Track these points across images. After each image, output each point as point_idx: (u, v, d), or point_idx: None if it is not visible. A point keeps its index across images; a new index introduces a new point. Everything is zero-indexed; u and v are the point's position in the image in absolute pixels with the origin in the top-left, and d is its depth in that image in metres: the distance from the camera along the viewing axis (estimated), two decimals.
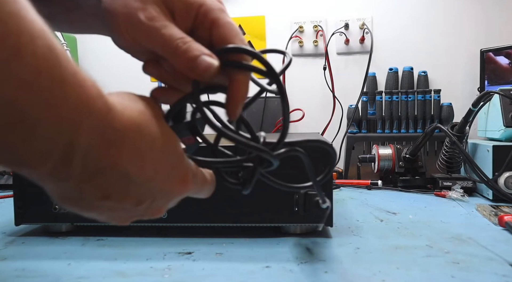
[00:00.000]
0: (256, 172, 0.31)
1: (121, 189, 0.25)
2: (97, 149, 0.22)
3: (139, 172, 0.25)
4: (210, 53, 0.28)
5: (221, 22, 0.30)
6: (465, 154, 0.88)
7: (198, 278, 0.46)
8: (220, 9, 0.31)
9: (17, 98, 0.18)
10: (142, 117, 0.25)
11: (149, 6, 0.29)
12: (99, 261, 0.52)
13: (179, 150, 0.28)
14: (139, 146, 0.25)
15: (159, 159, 0.26)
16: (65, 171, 0.22)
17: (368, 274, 0.46)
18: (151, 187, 0.27)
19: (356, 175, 1.14)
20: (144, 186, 0.26)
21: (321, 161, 0.59)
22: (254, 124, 1.24)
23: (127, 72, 1.15)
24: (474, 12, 1.22)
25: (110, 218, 0.28)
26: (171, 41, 0.28)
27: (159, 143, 0.26)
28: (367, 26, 1.24)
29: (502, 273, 0.46)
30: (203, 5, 0.30)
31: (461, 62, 1.24)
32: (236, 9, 1.31)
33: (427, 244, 0.56)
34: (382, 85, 1.23)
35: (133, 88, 0.29)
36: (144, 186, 0.26)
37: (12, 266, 0.50)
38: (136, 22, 0.28)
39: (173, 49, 0.28)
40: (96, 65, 1.31)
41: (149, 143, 0.25)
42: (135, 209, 0.28)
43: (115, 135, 0.23)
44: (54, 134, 0.20)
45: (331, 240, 0.59)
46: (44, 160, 0.21)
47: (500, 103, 0.89)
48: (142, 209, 0.28)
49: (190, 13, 0.30)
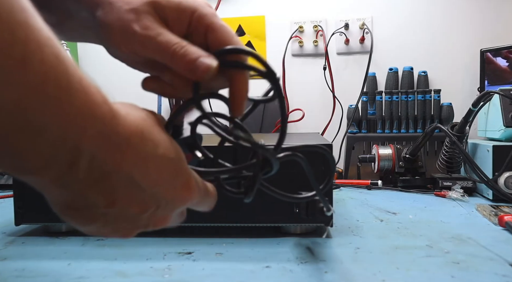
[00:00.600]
0: (258, 179, 0.31)
1: (126, 195, 0.25)
2: (102, 153, 0.23)
3: (144, 176, 0.25)
4: (208, 55, 0.29)
5: (216, 26, 0.31)
6: (465, 154, 0.88)
7: (198, 278, 0.46)
8: (213, 14, 0.31)
9: (25, 104, 0.19)
10: (144, 123, 0.26)
11: (142, 17, 0.30)
12: (99, 261, 0.52)
13: (182, 156, 0.29)
14: (143, 151, 0.25)
15: (163, 164, 0.26)
16: (70, 175, 0.22)
17: (368, 274, 0.46)
18: (156, 193, 0.27)
19: (356, 175, 1.14)
20: (149, 191, 0.26)
21: (321, 162, 0.59)
22: (254, 124, 1.24)
23: (128, 71, 1.15)
24: (474, 12, 1.22)
25: (114, 230, 0.28)
26: (168, 47, 0.29)
27: (161, 149, 0.26)
28: (367, 26, 1.24)
29: (502, 273, 0.46)
30: (196, 11, 0.31)
31: (461, 62, 1.24)
32: (236, 9, 1.30)
33: (427, 244, 0.56)
34: (382, 85, 1.23)
35: (134, 88, 0.29)
36: (149, 192, 0.26)
37: (12, 266, 0.50)
38: (132, 33, 0.29)
39: (171, 54, 0.29)
40: (97, 65, 1.31)
41: (152, 148, 0.26)
42: (139, 217, 0.27)
43: (120, 140, 0.24)
44: (60, 139, 0.21)
45: (331, 240, 0.59)
46: (49, 166, 0.21)
47: (500, 103, 0.89)
48: (146, 218, 0.28)
49: (184, 19, 0.31)
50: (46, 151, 0.20)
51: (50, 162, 0.21)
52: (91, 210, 0.25)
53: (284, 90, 1.27)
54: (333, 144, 0.63)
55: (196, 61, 0.28)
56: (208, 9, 0.31)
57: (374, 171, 1.07)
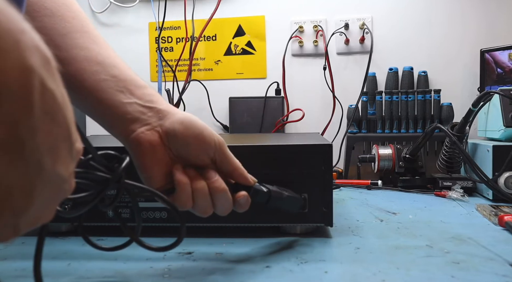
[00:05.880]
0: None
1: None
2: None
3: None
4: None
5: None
6: (465, 154, 0.88)
7: (198, 278, 0.46)
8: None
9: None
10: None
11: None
12: (99, 261, 0.52)
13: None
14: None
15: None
16: None
17: (368, 274, 0.46)
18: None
19: (356, 175, 1.14)
20: None
21: (321, 162, 0.59)
22: (254, 124, 1.24)
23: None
24: (474, 12, 1.22)
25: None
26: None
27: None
28: (367, 26, 1.24)
29: (502, 273, 0.46)
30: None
31: (461, 62, 1.24)
32: (236, 9, 1.30)
33: (427, 244, 0.56)
34: (382, 85, 1.23)
35: None
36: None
37: (12, 266, 0.50)
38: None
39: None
40: None
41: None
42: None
43: None
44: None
45: (331, 240, 0.59)
46: None
47: (500, 103, 0.89)
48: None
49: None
50: None
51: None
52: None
53: (284, 90, 1.27)
54: (333, 144, 0.63)
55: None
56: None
57: (374, 171, 1.07)
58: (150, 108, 0.44)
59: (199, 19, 1.26)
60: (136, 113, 0.43)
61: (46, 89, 0.22)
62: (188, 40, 1.26)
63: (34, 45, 0.21)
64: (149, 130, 0.43)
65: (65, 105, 0.24)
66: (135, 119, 0.43)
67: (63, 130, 0.24)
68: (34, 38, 0.21)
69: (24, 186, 0.22)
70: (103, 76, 0.43)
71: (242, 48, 1.33)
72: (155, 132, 0.43)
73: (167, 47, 1.37)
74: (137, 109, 0.43)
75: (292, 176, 0.58)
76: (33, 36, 0.21)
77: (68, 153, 0.25)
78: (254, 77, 1.32)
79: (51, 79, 0.22)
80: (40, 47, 0.22)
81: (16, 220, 0.23)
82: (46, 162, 0.23)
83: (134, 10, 1.34)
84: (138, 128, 0.43)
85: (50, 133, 0.23)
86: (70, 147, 0.25)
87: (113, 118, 0.43)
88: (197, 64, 1.35)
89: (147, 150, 0.43)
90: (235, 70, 1.34)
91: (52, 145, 0.23)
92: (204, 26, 1.23)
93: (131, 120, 0.43)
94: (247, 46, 1.33)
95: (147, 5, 1.33)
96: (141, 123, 0.43)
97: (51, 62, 0.23)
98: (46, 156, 0.23)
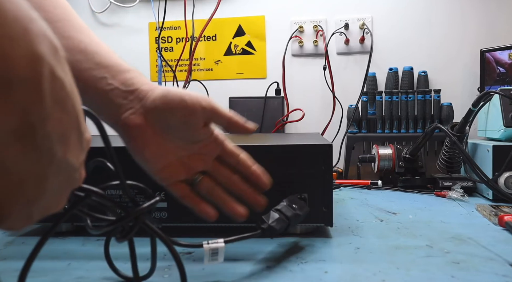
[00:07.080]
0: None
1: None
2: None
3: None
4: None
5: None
6: (465, 154, 0.88)
7: (198, 278, 0.46)
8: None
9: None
10: None
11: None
12: (99, 261, 0.52)
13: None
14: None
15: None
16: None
17: (368, 274, 0.46)
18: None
19: (356, 175, 1.14)
20: None
21: (321, 162, 0.59)
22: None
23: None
24: (474, 12, 1.22)
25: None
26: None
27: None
28: (367, 26, 1.24)
29: (502, 273, 0.46)
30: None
31: (461, 62, 1.24)
32: (236, 9, 1.30)
33: (427, 244, 0.56)
34: (382, 85, 1.23)
35: None
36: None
37: (12, 266, 0.50)
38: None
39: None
40: None
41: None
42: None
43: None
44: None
45: (331, 240, 0.59)
46: None
47: (500, 103, 0.89)
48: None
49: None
50: None
51: None
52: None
53: (284, 90, 1.27)
54: (333, 144, 0.63)
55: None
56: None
57: (374, 171, 1.07)
58: (131, 91, 0.43)
59: (199, 19, 1.26)
60: (119, 99, 0.43)
61: (55, 77, 0.22)
62: (188, 40, 1.26)
63: (42, 33, 0.21)
64: (133, 114, 0.43)
65: (73, 94, 0.24)
66: (118, 105, 0.43)
67: (72, 119, 0.24)
68: (43, 26, 0.21)
69: (37, 174, 0.22)
70: (85, 65, 0.43)
71: (242, 48, 1.33)
72: (139, 115, 0.43)
73: (167, 47, 1.37)
74: (119, 94, 0.43)
75: (292, 176, 0.58)
76: (41, 24, 0.21)
77: (78, 142, 0.26)
78: (254, 77, 1.32)
79: (60, 68, 0.22)
80: (48, 35, 0.22)
81: (29, 208, 0.23)
82: (57, 150, 0.23)
83: (134, 10, 1.34)
84: (122, 114, 0.43)
85: (61, 122, 0.23)
86: (80, 136, 0.26)
87: (99, 105, 0.43)
88: (197, 64, 1.35)
89: (136, 134, 0.43)
90: (235, 70, 1.34)
91: (62, 133, 0.23)
92: (204, 26, 1.23)
93: (116, 106, 0.43)
94: (247, 46, 1.33)
95: (147, 5, 1.33)
96: (124, 108, 0.43)
97: (59, 51, 0.23)
98: (57, 144, 0.23)
